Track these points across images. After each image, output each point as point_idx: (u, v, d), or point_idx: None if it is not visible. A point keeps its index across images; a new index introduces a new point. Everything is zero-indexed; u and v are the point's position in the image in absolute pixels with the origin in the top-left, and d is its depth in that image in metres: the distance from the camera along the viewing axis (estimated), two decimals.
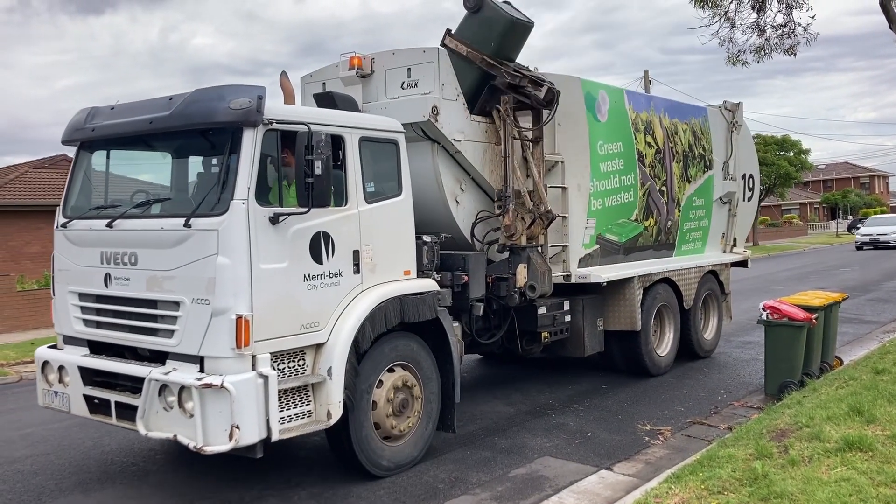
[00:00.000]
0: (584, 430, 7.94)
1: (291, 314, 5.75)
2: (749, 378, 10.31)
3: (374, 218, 6.42)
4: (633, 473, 6.59)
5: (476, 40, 8.15)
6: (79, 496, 6.33)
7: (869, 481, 5.25)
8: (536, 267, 8.10)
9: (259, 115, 5.53)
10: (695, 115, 11.37)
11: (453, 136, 7.74)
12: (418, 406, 6.71)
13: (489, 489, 6.27)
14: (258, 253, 5.52)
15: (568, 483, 6.33)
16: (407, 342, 6.67)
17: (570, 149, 9.00)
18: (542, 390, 9.70)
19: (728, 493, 5.31)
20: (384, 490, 6.29)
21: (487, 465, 6.91)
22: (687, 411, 8.67)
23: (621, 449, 7.31)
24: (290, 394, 5.76)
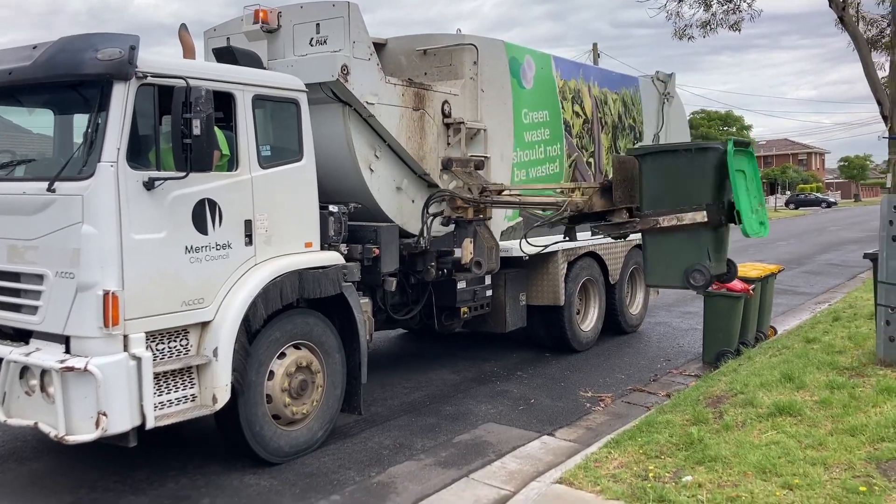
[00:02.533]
0: (527, 397, 8.06)
1: (171, 290, 5.23)
2: (688, 347, 10.54)
3: (271, 185, 5.92)
4: (574, 439, 6.72)
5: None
6: None
7: (797, 444, 5.42)
8: (483, 242, 7.63)
9: (131, 66, 4.96)
10: (626, 84, 11.05)
11: (366, 99, 7.23)
12: (319, 388, 6.28)
13: (433, 455, 6.32)
14: (130, 221, 4.98)
15: (511, 448, 6.44)
16: (307, 319, 6.21)
17: (494, 116, 8.58)
18: (487, 358, 9.68)
19: (665, 457, 5.46)
20: (328, 456, 6.24)
21: (432, 431, 6.96)
22: (627, 379, 8.84)
23: (563, 415, 7.45)
24: (169, 377, 5.26)
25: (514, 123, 8.66)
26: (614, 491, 4.92)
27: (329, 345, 6.36)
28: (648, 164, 6.59)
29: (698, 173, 6.33)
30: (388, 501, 5.41)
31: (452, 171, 7.76)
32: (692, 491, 4.79)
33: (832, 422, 5.75)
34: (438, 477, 5.83)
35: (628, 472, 5.25)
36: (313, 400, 6.23)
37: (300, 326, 6.13)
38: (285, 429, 6.06)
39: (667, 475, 5.11)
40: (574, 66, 9.99)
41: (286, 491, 5.57)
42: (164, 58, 5.28)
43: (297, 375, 6.06)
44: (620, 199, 6.77)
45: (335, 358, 6.42)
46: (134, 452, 5.78)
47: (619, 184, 6.76)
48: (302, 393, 6.12)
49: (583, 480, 5.16)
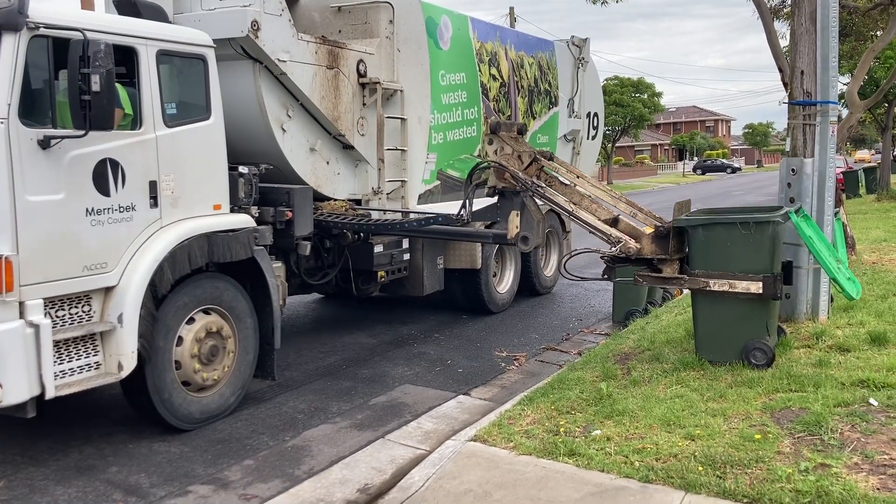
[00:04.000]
0: (443, 358, 8.10)
1: (71, 254, 4.98)
2: (599, 307, 10.79)
3: (177, 144, 5.68)
4: (489, 398, 6.78)
5: None
6: None
7: (699, 397, 5.57)
8: (532, 215, 7.21)
9: (21, 16, 4.64)
10: (542, 48, 11.08)
11: (277, 56, 7.01)
12: (230, 353, 6.14)
13: (349, 417, 6.30)
14: (24, 182, 4.70)
15: (427, 409, 6.47)
16: (216, 284, 6.04)
17: (410, 77, 8.48)
18: (404, 321, 9.74)
19: (576, 412, 5.58)
20: (241, 422, 6.13)
21: (348, 394, 6.93)
22: (541, 338, 8.98)
23: (478, 375, 7.51)
24: (71, 344, 5.04)
25: (431, 85, 8.57)
26: (527, 446, 4.99)
27: (240, 310, 6.22)
28: (700, 236, 6.12)
29: (754, 246, 5.93)
30: (302, 464, 5.36)
31: (500, 135, 7.46)
32: (601, 444, 4.91)
33: (731, 375, 5.95)
34: (354, 439, 5.82)
35: (540, 427, 5.33)
36: (224, 366, 6.09)
37: (210, 291, 5.96)
38: (196, 395, 5.91)
39: (577, 430, 5.22)
40: (491, 28, 9.94)
41: (197, 457, 5.47)
42: (59, 8, 4.95)
43: (206, 341, 5.90)
44: (675, 249, 6.32)
45: (247, 323, 6.28)
46: (34, 423, 5.58)
47: (678, 233, 6.30)
48: (212, 359, 5.96)
49: (497, 437, 5.21)
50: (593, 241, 7.21)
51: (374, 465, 5.27)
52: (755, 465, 4.39)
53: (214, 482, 5.07)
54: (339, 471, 5.19)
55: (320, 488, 4.94)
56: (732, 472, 4.33)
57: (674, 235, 6.28)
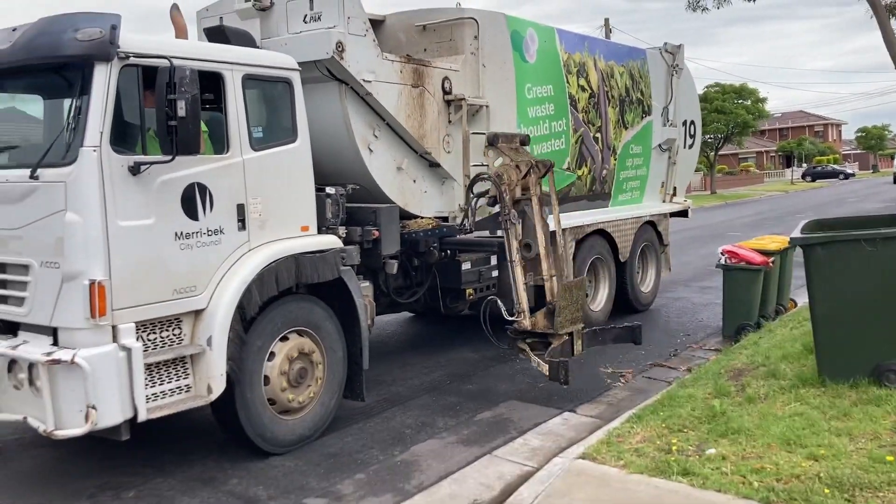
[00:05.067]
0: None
1: (161, 278, 5.08)
2: (708, 321, 10.44)
3: (263, 167, 5.74)
4: (595, 415, 6.69)
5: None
6: None
7: (821, 415, 5.37)
8: (534, 222, 7.25)
9: (112, 46, 4.77)
10: (633, 57, 10.76)
11: (362, 77, 7.02)
12: (319, 375, 6.13)
13: (456, 432, 6.36)
14: (116, 208, 4.82)
15: (532, 425, 6.44)
16: (305, 305, 6.05)
17: (496, 92, 8.35)
18: (505, 337, 9.46)
19: (688, 430, 5.45)
20: (351, 437, 6.31)
21: (454, 409, 6.97)
22: (647, 355, 8.70)
23: (584, 392, 7.38)
24: (162, 367, 5.12)
25: (517, 99, 8.42)
26: (638, 465, 4.91)
27: (328, 331, 6.20)
28: (819, 257, 5.84)
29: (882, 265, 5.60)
30: (412, 479, 5.43)
31: (498, 147, 7.46)
32: (716, 463, 4.78)
33: (856, 392, 5.68)
34: (462, 454, 5.85)
35: (651, 445, 5.24)
36: (313, 387, 6.07)
37: (298, 312, 5.97)
38: (284, 417, 5.91)
39: (690, 448, 5.12)
40: (579, 38, 9.72)
41: (311, 471, 5.62)
42: (147, 37, 5.08)
43: (295, 363, 5.90)
44: (562, 325, 6.93)
45: (335, 344, 6.26)
46: (154, 437, 5.86)
47: (563, 309, 6.91)
48: (301, 381, 5.96)
49: (606, 455, 5.16)
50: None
51: (482, 481, 5.29)
52: (887, 488, 4.18)
53: (328, 495, 5.21)
54: (449, 486, 5.25)
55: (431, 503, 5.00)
56: (863, 496, 4.15)
57: (559, 313, 6.85)
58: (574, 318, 7.10)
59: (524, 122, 8.53)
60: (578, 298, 7.17)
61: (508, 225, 7.03)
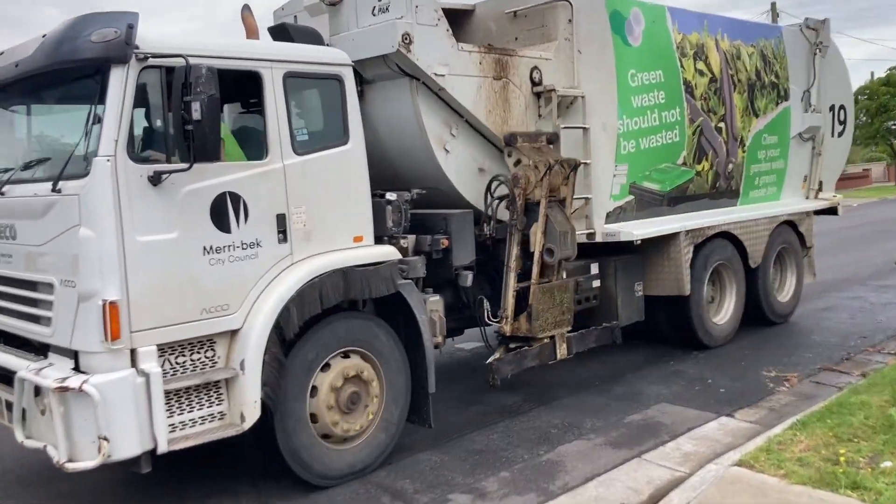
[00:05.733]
0: (703, 377, 7.71)
1: (187, 296, 4.66)
2: (887, 323, 9.66)
3: (309, 173, 5.22)
4: (755, 420, 6.37)
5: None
6: None
7: None
8: (555, 226, 6.64)
9: (128, 47, 4.39)
10: (765, 35, 9.45)
11: (433, 70, 6.37)
12: (375, 399, 5.55)
13: (603, 434, 6.23)
14: (133, 222, 4.44)
15: (686, 430, 6.20)
16: (358, 324, 5.50)
17: (593, 81, 7.45)
18: (659, 336, 8.91)
19: (860, 440, 5.17)
20: (497, 434, 6.32)
21: (602, 411, 6.83)
22: (816, 357, 8.24)
23: (743, 396, 7.05)
24: (191, 393, 4.72)
25: (617, 87, 7.47)
26: (801, 475, 4.67)
27: (386, 351, 5.62)
28: None
29: None
30: (557, 480, 5.35)
31: (517, 147, 6.75)
32: (892, 478, 4.48)
33: None
34: (609, 457, 5.72)
35: (816, 455, 4.99)
36: (369, 413, 5.51)
37: (349, 332, 5.42)
38: (336, 447, 5.38)
39: (862, 460, 4.85)
40: (696, 17, 8.59)
41: (457, 467, 5.66)
42: (170, 35, 4.68)
43: (346, 388, 5.35)
44: (541, 329, 6.64)
45: (395, 365, 5.67)
46: None
47: (541, 312, 6.62)
48: (353, 407, 5.41)
49: (764, 463, 4.94)
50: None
51: (630, 485, 5.13)
52: None
53: (472, 492, 5.23)
54: (595, 488, 5.14)
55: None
56: None
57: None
58: (557, 321, 6.72)
59: (627, 113, 7.58)
60: (563, 301, 6.76)
61: (513, 230, 6.54)
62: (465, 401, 7.23)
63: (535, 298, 6.63)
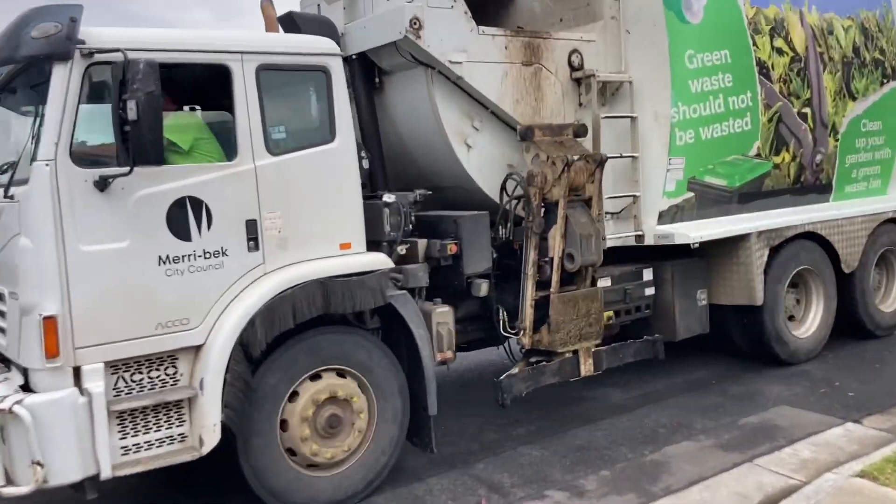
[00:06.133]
0: (830, 379, 7.21)
1: (140, 310, 4.31)
2: None
3: (286, 174, 4.78)
4: (886, 428, 5.92)
5: None
6: None
7: None
8: (576, 229, 5.96)
9: (70, 43, 4.08)
10: (866, 5, 8.23)
11: (448, 58, 5.78)
12: (362, 422, 5.05)
13: (714, 436, 5.98)
14: (77, 230, 4.13)
15: (805, 435, 5.86)
16: (343, 339, 5.00)
17: (643, 64, 6.63)
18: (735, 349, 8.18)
19: None
20: (601, 431, 6.20)
21: (715, 411, 6.54)
22: None
23: (874, 401, 6.54)
24: (147, 413, 4.38)
25: (672, 71, 6.61)
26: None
27: (377, 370, 5.11)
28: None
29: None
30: (659, 481, 5.19)
31: (534, 141, 6.03)
32: None
33: None
34: (718, 460, 5.49)
35: None
36: (353, 437, 5.01)
37: (330, 347, 4.93)
38: (316, 474, 4.92)
39: None
40: None
41: (556, 462, 5.61)
42: (119, 29, 4.33)
43: (323, 410, 4.88)
44: (561, 342, 5.96)
45: (388, 385, 5.15)
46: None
47: (562, 324, 5.95)
48: (333, 430, 4.93)
49: (891, 476, 4.69)
50: None
51: (738, 490, 4.92)
52: None
53: (570, 489, 5.14)
54: (699, 492, 4.95)
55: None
56: None
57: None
58: (582, 334, 6.05)
59: (683, 99, 6.69)
60: (589, 312, 6.08)
61: (530, 234, 5.91)
62: (571, 396, 6.97)
63: (555, 309, 5.94)
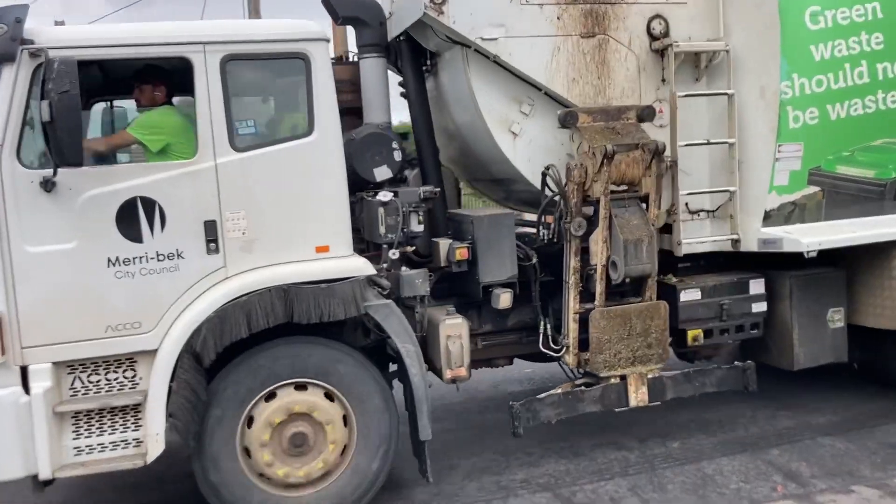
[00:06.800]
0: None
1: (89, 312, 4.26)
2: None
3: (252, 172, 4.45)
4: None
5: None
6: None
7: None
8: (619, 232, 4.97)
9: (14, 43, 4.08)
10: None
11: (480, 34, 5.09)
12: (333, 442, 4.60)
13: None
14: (22, 230, 4.16)
15: None
16: (307, 350, 4.58)
17: (745, 28, 5.35)
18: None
19: None
20: None
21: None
22: None
23: None
24: (102, 415, 4.34)
25: (783, 34, 5.24)
26: None
27: (356, 385, 4.63)
28: None
29: None
30: None
31: (578, 127, 5.05)
32: None
33: None
34: None
35: None
36: (325, 456, 4.59)
37: (296, 360, 4.54)
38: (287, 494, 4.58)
39: None
40: None
41: (864, 458, 5.30)
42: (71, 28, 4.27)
43: (287, 427, 4.52)
44: (606, 365, 5.17)
45: (370, 403, 4.66)
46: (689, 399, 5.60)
47: (604, 344, 5.13)
48: (299, 448, 4.55)
49: None
50: None
51: None
52: None
53: (882, 487, 4.85)
54: None
55: None
56: None
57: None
58: (636, 356, 5.19)
59: (802, 70, 5.28)
60: (647, 331, 5.16)
61: (569, 237, 5.12)
62: (871, 391, 6.46)
63: (596, 326, 5.04)
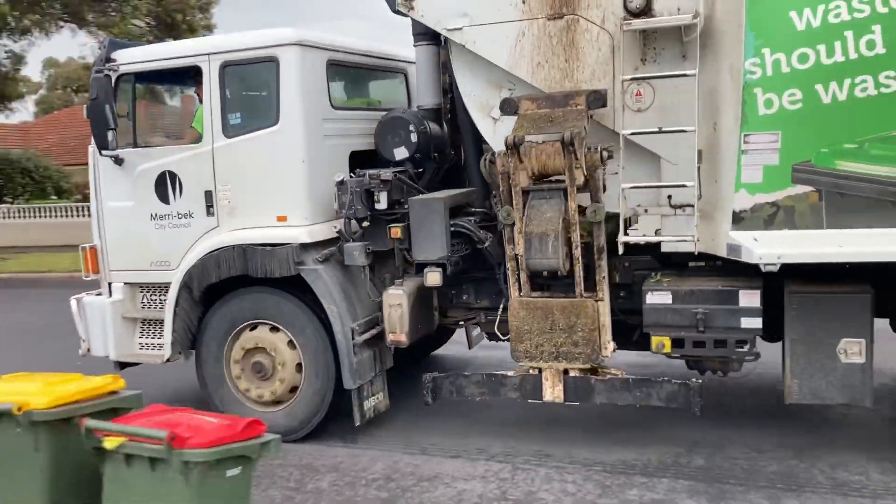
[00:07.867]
0: None
1: (141, 250, 6.07)
2: None
3: (235, 154, 5.72)
4: None
5: None
6: None
7: None
8: (525, 226, 4.89)
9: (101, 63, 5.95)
10: None
11: (445, 25, 5.40)
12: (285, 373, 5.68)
13: None
14: (106, 191, 6.14)
15: None
16: (264, 298, 5.72)
17: None
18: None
19: None
20: None
21: None
22: None
23: None
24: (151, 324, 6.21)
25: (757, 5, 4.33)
26: None
27: (303, 329, 5.63)
28: None
29: None
30: None
31: (521, 115, 4.88)
32: None
33: None
34: None
35: None
36: (278, 385, 5.71)
37: (258, 305, 5.73)
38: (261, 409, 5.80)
39: None
40: None
41: None
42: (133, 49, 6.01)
43: (250, 356, 5.76)
44: (526, 354, 5.15)
45: (313, 346, 5.62)
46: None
47: (524, 334, 5.10)
48: (258, 375, 5.76)
49: None
50: None
51: None
52: None
53: None
54: None
55: None
56: None
57: None
58: (560, 352, 5.02)
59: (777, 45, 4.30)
60: (573, 327, 4.96)
61: (503, 225, 5.11)
62: None
63: (515, 315, 5.09)
